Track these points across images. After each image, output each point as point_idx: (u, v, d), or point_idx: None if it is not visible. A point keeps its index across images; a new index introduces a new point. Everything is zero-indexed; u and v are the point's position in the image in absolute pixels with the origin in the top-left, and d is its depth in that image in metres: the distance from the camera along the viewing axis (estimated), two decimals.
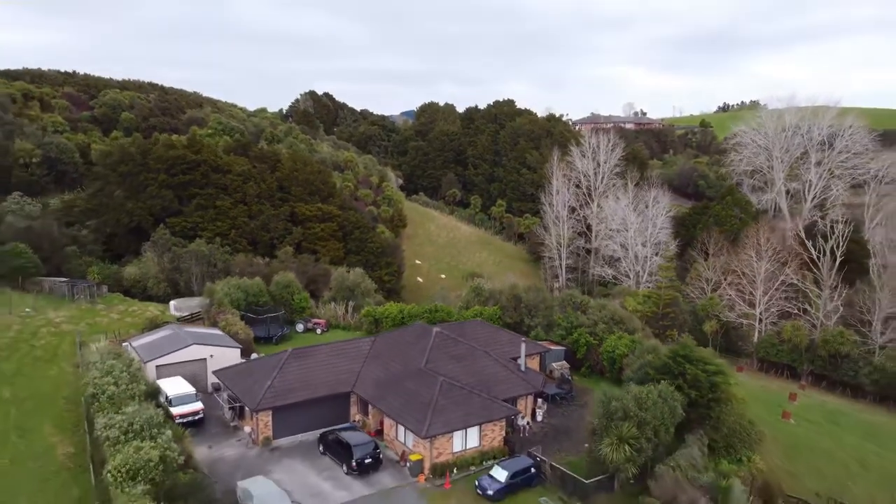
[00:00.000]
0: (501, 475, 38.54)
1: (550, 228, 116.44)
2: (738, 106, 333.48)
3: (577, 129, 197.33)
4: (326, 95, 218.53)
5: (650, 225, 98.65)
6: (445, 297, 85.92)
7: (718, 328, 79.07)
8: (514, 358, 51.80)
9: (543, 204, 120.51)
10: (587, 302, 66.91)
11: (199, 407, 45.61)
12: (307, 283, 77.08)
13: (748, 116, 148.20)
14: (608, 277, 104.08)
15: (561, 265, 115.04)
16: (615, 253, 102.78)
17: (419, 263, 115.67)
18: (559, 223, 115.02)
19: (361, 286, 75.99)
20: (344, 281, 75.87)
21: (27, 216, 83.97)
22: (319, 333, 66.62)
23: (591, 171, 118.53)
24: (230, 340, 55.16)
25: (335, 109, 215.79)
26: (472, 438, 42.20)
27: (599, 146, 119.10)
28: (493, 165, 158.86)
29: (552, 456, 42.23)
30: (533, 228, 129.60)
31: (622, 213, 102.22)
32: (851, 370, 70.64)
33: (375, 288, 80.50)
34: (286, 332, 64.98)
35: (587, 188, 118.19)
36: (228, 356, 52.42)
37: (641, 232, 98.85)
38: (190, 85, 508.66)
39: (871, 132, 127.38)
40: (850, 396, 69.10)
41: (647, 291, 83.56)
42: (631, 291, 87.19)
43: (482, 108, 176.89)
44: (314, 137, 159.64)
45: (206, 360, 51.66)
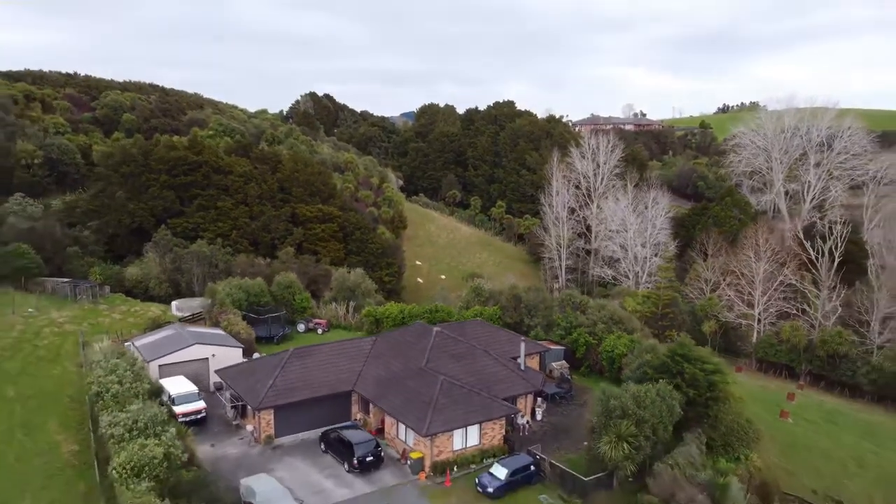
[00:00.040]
0: (501, 473, 38.90)
1: (550, 229, 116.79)
2: (737, 107, 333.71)
3: (576, 130, 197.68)
4: (327, 97, 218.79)
5: (649, 226, 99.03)
6: (446, 297, 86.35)
7: (717, 328, 79.21)
8: (513, 357, 52.10)
9: (543, 205, 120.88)
10: (586, 302, 67.23)
11: (201, 406, 45.98)
12: (308, 283, 77.45)
13: (747, 118, 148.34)
14: (608, 278, 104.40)
15: (561, 266, 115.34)
16: (615, 254, 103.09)
17: (419, 264, 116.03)
18: (559, 224, 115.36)
19: (362, 287, 76.43)
20: (345, 281, 76.29)
21: (29, 217, 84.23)
22: (320, 333, 66.96)
23: (590, 172, 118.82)
24: (232, 340, 55.57)
25: (335, 111, 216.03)
26: (472, 437, 42.56)
27: (599, 147, 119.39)
28: (493, 166, 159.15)
29: (552, 454, 42.60)
30: (533, 229, 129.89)
31: (622, 213, 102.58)
32: (849, 370, 70.82)
33: (376, 288, 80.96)
34: (287, 331, 65.36)
35: (587, 189, 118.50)
36: (230, 356, 52.85)
37: (641, 233, 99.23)
38: (190, 85, 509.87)
39: (869, 133, 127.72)
40: (847, 396, 69.33)
41: (646, 292, 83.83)
42: (630, 292, 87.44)
43: (482, 109, 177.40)
44: (315, 139, 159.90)
45: (208, 359, 52.09)
